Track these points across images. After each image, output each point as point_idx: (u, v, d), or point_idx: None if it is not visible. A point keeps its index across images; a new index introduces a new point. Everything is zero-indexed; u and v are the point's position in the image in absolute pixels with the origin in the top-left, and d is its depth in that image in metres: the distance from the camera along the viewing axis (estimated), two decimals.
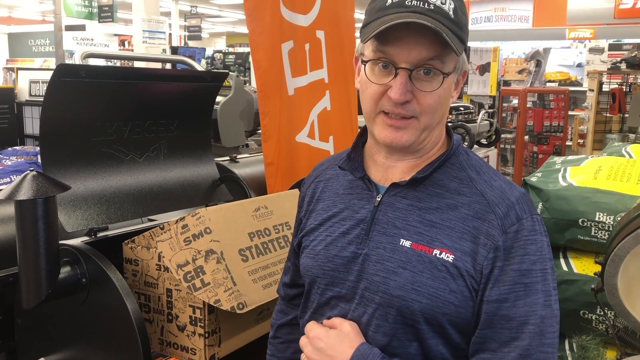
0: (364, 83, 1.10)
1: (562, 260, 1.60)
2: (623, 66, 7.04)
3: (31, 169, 1.48)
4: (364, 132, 1.22)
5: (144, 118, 1.89)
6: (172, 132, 2.01)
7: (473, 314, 1.05)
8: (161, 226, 1.56)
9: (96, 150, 1.77)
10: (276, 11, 2.86)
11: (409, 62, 1.04)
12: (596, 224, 1.60)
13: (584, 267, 1.56)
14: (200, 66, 2.84)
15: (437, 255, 1.06)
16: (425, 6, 1.04)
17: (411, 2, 1.05)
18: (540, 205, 1.60)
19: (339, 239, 1.16)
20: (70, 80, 1.63)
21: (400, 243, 1.09)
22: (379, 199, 1.14)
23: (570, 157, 1.85)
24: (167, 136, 1.99)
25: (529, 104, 6.93)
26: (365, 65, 1.09)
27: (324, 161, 1.34)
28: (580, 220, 1.53)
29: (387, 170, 1.16)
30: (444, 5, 1.05)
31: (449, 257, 1.05)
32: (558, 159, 1.84)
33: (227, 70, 6.23)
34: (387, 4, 1.06)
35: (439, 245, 1.06)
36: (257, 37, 2.77)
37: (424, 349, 1.07)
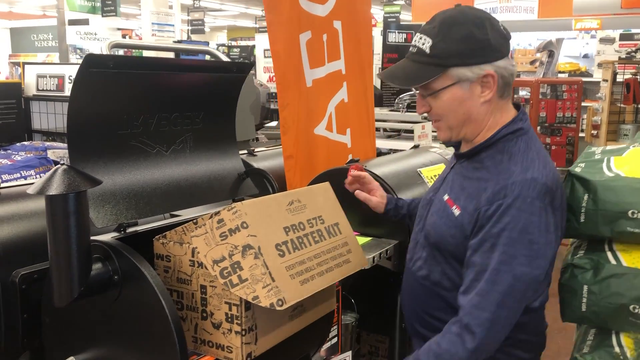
0: None
1: (609, 253, 1.54)
2: (638, 56, 6.95)
3: (61, 162, 1.43)
4: None
5: (170, 110, 1.84)
6: (198, 124, 1.95)
7: (464, 253, 1.50)
8: (195, 221, 1.51)
9: (123, 144, 1.72)
10: (294, 1, 2.80)
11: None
12: None
13: (633, 260, 1.50)
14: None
15: (453, 210, 1.52)
16: (410, 49, 1.52)
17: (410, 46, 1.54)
18: (585, 197, 1.54)
19: (431, 189, 1.75)
20: (97, 72, 1.57)
21: (444, 197, 1.58)
22: (453, 165, 1.65)
23: (609, 147, 1.79)
24: (193, 129, 1.94)
25: (540, 96, 6.85)
26: None
27: None
28: (630, 212, 1.47)
29: (463, 148, 1.64)
30: (422, 45, 1.48)
31: (457, 212, 1.51)
32: (597, 149, 1.78)
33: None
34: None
35: (458, 204, 1.52)
36: (276, 28, 2.71)
37: (444, 272, 1.57)
